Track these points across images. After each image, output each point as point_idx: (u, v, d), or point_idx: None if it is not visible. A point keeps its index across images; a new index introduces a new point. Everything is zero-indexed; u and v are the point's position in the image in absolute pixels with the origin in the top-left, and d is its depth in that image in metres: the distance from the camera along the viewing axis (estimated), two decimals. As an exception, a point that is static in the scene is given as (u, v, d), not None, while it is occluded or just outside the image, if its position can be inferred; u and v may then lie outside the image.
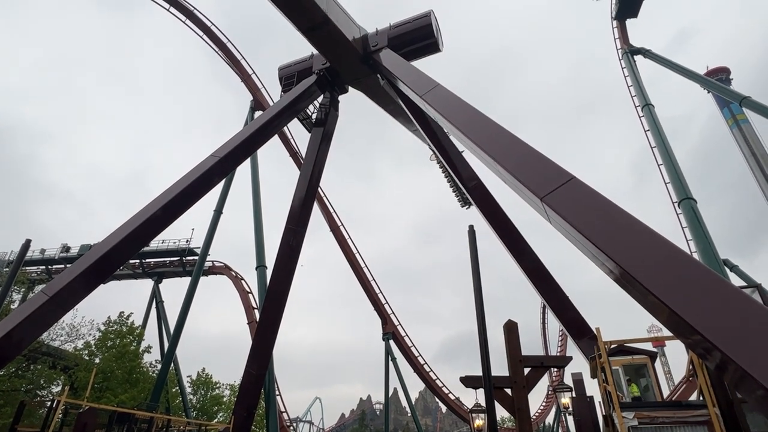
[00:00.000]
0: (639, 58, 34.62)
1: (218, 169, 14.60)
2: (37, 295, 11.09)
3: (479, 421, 8.31)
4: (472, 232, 9.25)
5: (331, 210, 41.12)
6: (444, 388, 43.72)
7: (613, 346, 10.12)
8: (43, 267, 43.70)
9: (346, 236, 41.27)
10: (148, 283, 43.02)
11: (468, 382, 8.25)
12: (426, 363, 42.99)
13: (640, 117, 29.30)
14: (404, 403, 45.68)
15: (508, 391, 8.05)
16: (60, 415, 14.40)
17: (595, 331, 9.55)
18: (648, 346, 12.29)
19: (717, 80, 52.19)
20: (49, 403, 13.80)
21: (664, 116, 26.47)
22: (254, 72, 35.99)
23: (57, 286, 11.27)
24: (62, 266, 41.36)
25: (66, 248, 43.95)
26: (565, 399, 9.27)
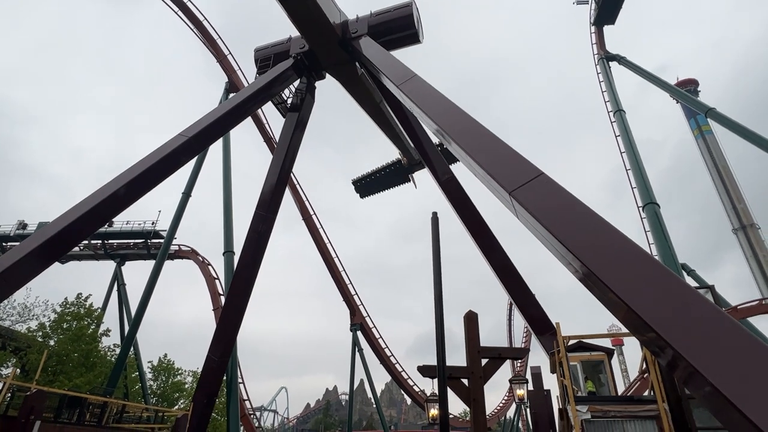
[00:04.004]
0: (614, 66, 35.56)
1: (186, 149, 14.11)
2: (-17, 271, 10.45)
3: (434, 410, 8.36)
4: (435, 218, 9.26)
5: (304, 199, 40.64)
6: (409, 380, 44.17)
7: (572, 342, 10.36)
8: (-3, 243, 41.60)
9: (319, 226, 40.91)
10: (110, 265, 41.58)
11: (425, 371, 8.27)
12: (392, 355, 43.28)
13: (612, 123, 30.10)
14: (370, 394, 46.08)
15: (465, 381, 8.12)
16: (8, 397, 13.78)
17: (555, 327, 9.74)
18: (607, 344, 12.66)
19: (686, 91, 54.02)
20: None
21: (640, 138, 27.22)
22: (230, 53, 35.01)
23: (5, 263, 10.67)
24: (17, 243, 39.45)
25: (23, 225, 41.89)
26: (521, 391, 9.46)
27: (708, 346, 4.70)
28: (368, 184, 36.76)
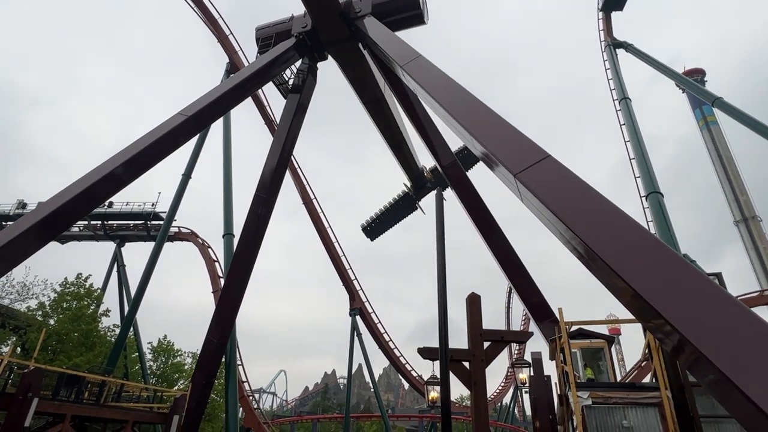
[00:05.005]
0: (621, 55, 34.98)
1: (185, 129, 13.89)
2: (-21, 248, 10.33)
3: (434, 393, 8.31)
4: (440, 195, 9.14)
5: (305, 183, 40.42)
6: (407, 365, 44.49)
7: (573, 328, 10.28)
8: (-3, 223, 41.49)
9: (319, 210, 40.77)
10: (110, 246, 41.51)
11: (425, 353, 8.19)
12: (391, 340, 43.52)
13: (617, 111, 29.67)
14: (368, 378, 46.53)
15: (466, 364, 8.04)
16: (7, 374, 13.81)
17: (557, 314, 9.64)
18: (606, 331, 12.61)
19: (693, 80, 53.31)
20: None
21: (645, 132, 26.66)
22: (232, 33, 34.45)
23: (2, 241, 10.58)
24: (17, 223, 39.21)
25: (22, 204, 41.74)
26: (523, 374, 9.42)
27: (717, 331, 4.55)
28: (377, 226, 37.00)
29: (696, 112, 63.69)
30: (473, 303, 8.18)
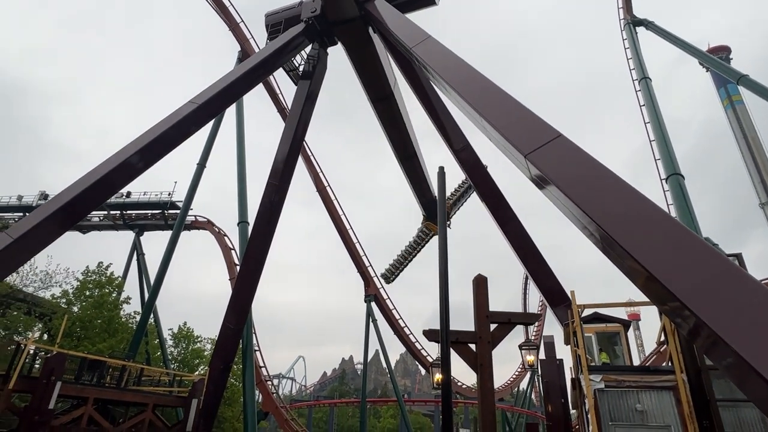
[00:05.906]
0: (641, 31, 33.78)
1: (196, 116, 13.95)
2: (0, 236, 10.62)
3: (440, 375, 8.29)
4: (441, 173, 9.11)
5: (319, 171, 40.44)
6: (423, 351, 44.64)
7: (588, 312, 10.10)
8: (21, 214, 42.69)
9: (333, 198, 40.82)
10: (129, 236, 42.38)
11: (430, 335, 8.16)
12: (406, 326, 43.67)
13: (636, 92, 28.76)
14: (385, 364, 46.80)
15: (472, 346, 7.97)
16: (28, 359, 14.24)
17: (570, 296, 9.47)
18: (623, 315, 12.38)
19: (718, 59, 51.31)
20: (14, 346, 13.62)
21: (668, 116, 25.63)
22: (243, 21, 34.35)
23: (22, 229, 10.84)
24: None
25: (44, 195, 42.79)
26: (531, 357, 9.32)
27: (735, 313, 4.38)
28: (396, 272, 40.00)
29: (720, 91, 61.37)
30: (479, 284, 8.08)
